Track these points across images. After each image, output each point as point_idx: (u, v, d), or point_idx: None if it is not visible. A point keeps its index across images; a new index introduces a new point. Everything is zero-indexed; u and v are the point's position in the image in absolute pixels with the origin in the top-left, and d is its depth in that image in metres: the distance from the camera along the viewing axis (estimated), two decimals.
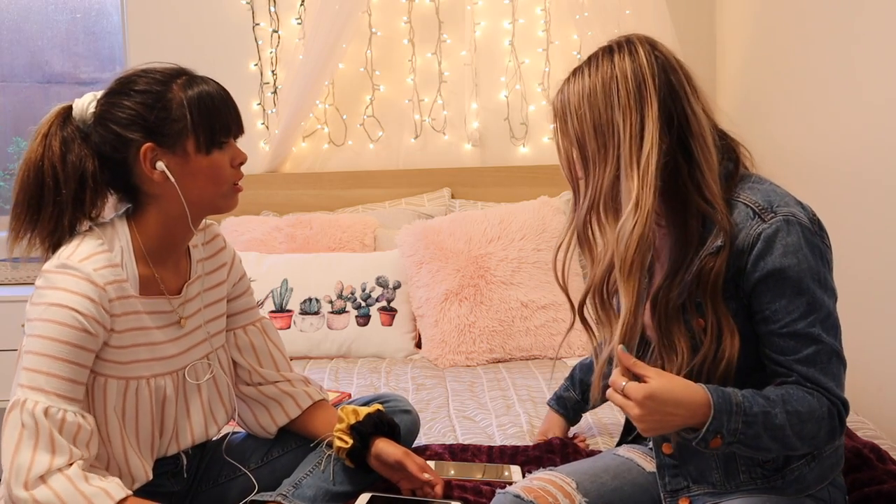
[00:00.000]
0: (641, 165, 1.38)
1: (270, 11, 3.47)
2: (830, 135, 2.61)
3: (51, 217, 1.56)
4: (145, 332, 1.61)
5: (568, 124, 1.46)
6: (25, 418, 1.45)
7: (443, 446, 1.96)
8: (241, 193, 1.64)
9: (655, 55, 1.44)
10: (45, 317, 1.49)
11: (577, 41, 3.45)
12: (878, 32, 2.34)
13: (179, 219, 1.60)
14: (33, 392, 1.47)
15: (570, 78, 1.48)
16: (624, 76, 1.41)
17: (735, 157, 1.49)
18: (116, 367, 1.58)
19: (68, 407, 1.47)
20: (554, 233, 2.98)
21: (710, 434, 1.33)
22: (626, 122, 1.40)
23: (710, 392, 1.34)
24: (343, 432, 1.73)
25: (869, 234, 2.37)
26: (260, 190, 3.40)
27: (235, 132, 1.62)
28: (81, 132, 1.59)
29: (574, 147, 1.46)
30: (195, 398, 1.71)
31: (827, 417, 1.38)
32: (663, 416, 1.33)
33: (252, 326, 1.83)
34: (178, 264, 1.68)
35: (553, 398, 2.01)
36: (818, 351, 1.39)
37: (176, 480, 1.75)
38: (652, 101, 1.40)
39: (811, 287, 1.39)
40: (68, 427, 1.47)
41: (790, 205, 1.42)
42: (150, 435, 1.64)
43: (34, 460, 1.44)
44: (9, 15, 3.72)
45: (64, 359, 1.48)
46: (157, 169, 1.55)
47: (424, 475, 1.70)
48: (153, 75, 1.58)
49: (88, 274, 1.51)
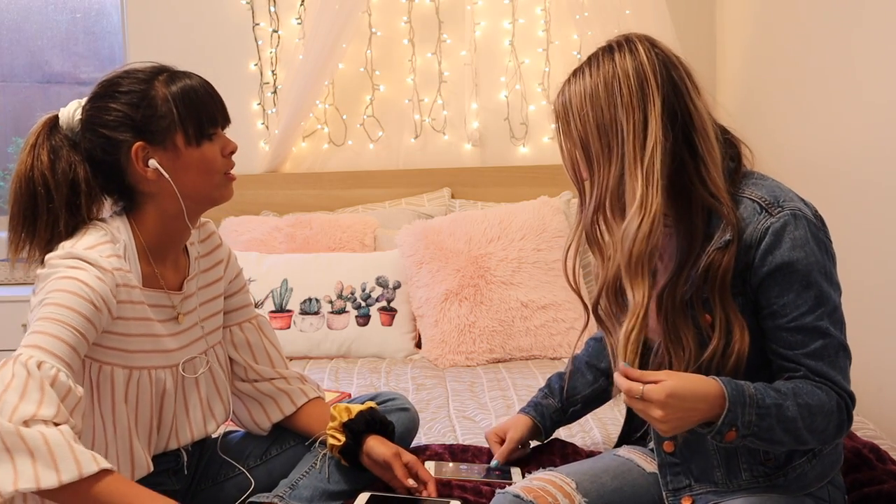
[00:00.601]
0: (646, 163, 1.39)
1: (270, 11, 3.47)
2: (830, 134, 2.61)
3: (46, 226, 1.58)
4: (148, 323, 1.62)
5: (571, 126, 1.46)
6: (17, 369, 1.38)
7: (443, 446, 1.96)
8: (241, 193, 1.66)
9: (655, 52, 1.44)
10: (56, 287, 1.47)
11: (577, 41, 3.45)
12: (879, 32, 2.34)
13: (177, 216, 1.61)
14: (32, 349, 1.41)
15: (571, 79, 1.48)
16: (626, 74, 1.41)
17: (737, 155, 1.49)
18: (121, 356, 1.58)
19: (63, 369, 1.41)
20: (554, 233, 2.98)
21: (725, 427, 1.33)
22: (629, 121, 1.40)
23: (724, 384, 1.34)
24: (336, 430, 1.73)
25: (868, 233, 2.37)
26: (260, 190, 3.40)
27: (222, 122, 1.64)
28: (69, 140, 1.61)
29: (578, 148, 1.46)
30: (193, 394, 1.71)
31: (836, 411, 1.39)
32: (685, 413, 1.32)
33: (248, 323, 1.83)
34: (178, 261, 1.70)
35: (529, 405, 1.87)
36: (826, 345, 1.40)
37: (177, 478, 1.75)
38: (654, 99, 1.40)
39: (819, 281, 1.40)
40: (59, 385, 1.39)
41: (794, 200, 1.43)
42: (147, 428, 1.64)
43: (19, 405, 1.35)
44: (9, 15, 3.72)
45: (69, 324, 1.44)
46: (149, 167, 1.56)
47: (409, 481, 1.69)
48: (135, 75, 1.59)
49: (96, 260, 1.51)
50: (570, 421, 1.90)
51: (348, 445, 1.71)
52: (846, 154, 2.52)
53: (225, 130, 1.65)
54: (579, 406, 1.85)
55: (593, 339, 1.88)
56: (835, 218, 1.48)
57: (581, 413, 1.87)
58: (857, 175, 2.46)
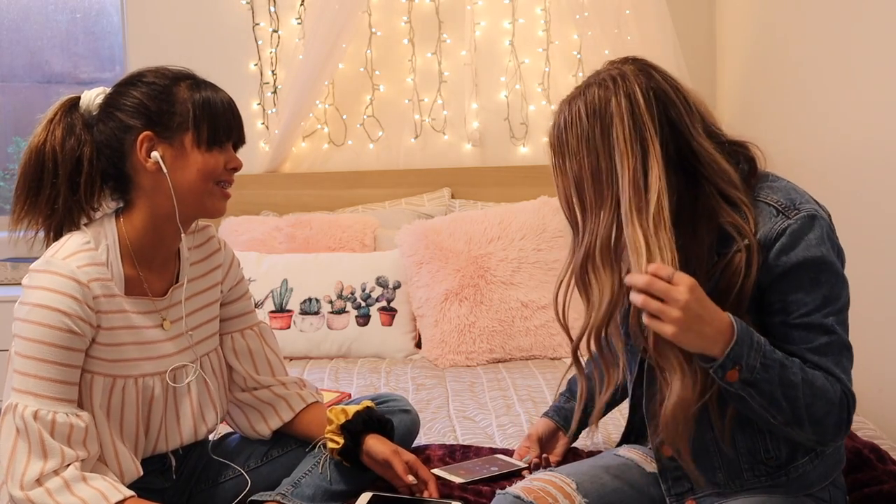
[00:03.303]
0: (651, 211, 1.36)
1: (270, 11, 3.47)
2: (830, 138, 2.61)
3: (48, 200, 1.60)
4: (135, 330, 1.62)
5: (566, 164, 1.45)
6: (17, 422, 1.48)
7: (443, 446, 1.96)
8: (241, 193, 1.66)
9: (652, 88, 1.42)
10: (31, 318, 1.51)
11: (577, 41, 3.44)
12: (879, 35, 2.34)
13: (168, 218, 1.61)
14: (24, 396, 1.50)
15: (566, 109, 1.45)
16: (621, 119, 1.40)
17: (750, 158, 1.49)
18: (103, 365, 1.58)
19: (59, 408, 1.50)
20: (554, 233, 2.98)
21: (729, 362, 1.31)
22: (625, 167, 1.38)
23: (734, 320, 1.33)
24: (334, 433, 1.73)
25: (869, 236, 2.37)
26: (260, 190, 3.40)
27: (236, 139, 1.65)
28: (85, 121, 1.62)
29: (571, 187, 1.45)
30: (185, 400, 1.70)
31: (837, 404, 1.38)
32: (699, 314, 1.29)
33: (249, 330, 1.82)
34: (166, 267, 1.68)
35: (552, 409, 1.89)
36: (831, 342, 1.40)
37: (164, 478, 1.75)
38: (654, 145, 1.39)
39: (830, 280, 1.40)
40: (59, 428, 1.49)
41: (810, 202, 1.44)
42: (134, 434, 1.64)
43: (28, 465, 1.47)
44: (9, 15, 3.72)
45: (51, 361, 1.50)
46: (151, 158, 1.57)
47: (409, 477, 1.69)
48: (163, 72, 1.62)
49: (72, 271, 1.53)
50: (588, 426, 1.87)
51: (347, 447, 1.71)
52: (846, 155, 2.52)
53: (237, 152, 1.66)
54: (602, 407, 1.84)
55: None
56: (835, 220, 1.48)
57: (602, 414, 1.86)
58: (857, 176, 2.46)
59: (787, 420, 1.38)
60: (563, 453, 1.83)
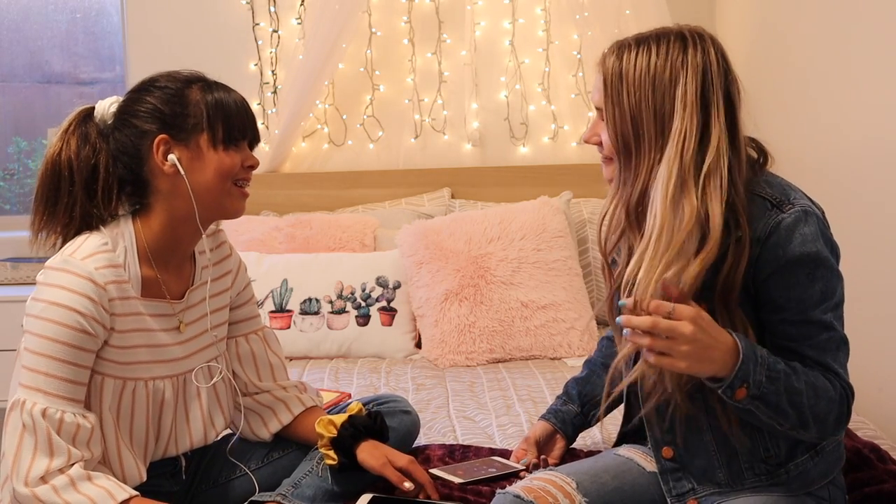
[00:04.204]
0: (704, 171, 1.36)
1: (270, 11, 3.47)
2: (830, 137, 2.61)
3: (65, 209, 1.61)
4: (148, 333, 1.62)
5: (623, 96, 1.43)
6: (25, 418, 1.48)
7: (443, 446, 1.96)
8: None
9: (723, 61, 1.43)
10: (45, 315, 1.51)
11: (577, 41, 3.45)
12: (879, 35, 2.34)
13: (186, 220, 1.61)
14: (33, 392, 1.49)
15: (632, 46, 1.44)
16: (695, 71, 1.39)
17: (764, 150, 1.50)
18: (114, 367, 1.58)
19: (67, 408, 1.50)
20: (554, 233, 2.98)
21: (737, 381, 1.32)
22: (684, 119, 1.38)
23: (737, 337, 1.34)
24: (327, 448, 1.72)
25: (869, 234, 2.37)
26: (260, 190, 3.37)
27: (251, 138, 1.66)
28: (100, 130, 1.63)
29: (626, 120, 1.43)
30: (195, 404, 1.71)
31: (837, 400, 1.39)
32: (707, 343, 1.30)
33: (254, 335, 1.83)
34: (182, 269, 1.69)
35: (549, 412, 1.86)
36: (829, 338, 1.41)
37: (174, 481, 1.75)
38: (719, 108, 1.40)
39: (826, 276, 1.40)
40: (66, 427, 1.49)
41: (804, 198, 1.44)
42: (143, 437, 1.64)
43: (33, 462, 1.47)
44: (9, 15, 3.72)
45: (63, 359, 1.50)
46: (168, 161, 1.58)
47: (406, 484, 1.69)
48: (176, 76, 1.63)
49: (89, 273, 1.52)
50: (592, 424, 1.87)
51: (343, 463, 1.71)
52: (846, 156, 2.52)
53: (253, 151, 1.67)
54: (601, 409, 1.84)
55: (606, 338, 1.88)
56: (834, 219, 1.49)
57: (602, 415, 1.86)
58: (857, 175, 2.46)
59: (794, 425, 1.39)
60: (561, 456, 1.83)
